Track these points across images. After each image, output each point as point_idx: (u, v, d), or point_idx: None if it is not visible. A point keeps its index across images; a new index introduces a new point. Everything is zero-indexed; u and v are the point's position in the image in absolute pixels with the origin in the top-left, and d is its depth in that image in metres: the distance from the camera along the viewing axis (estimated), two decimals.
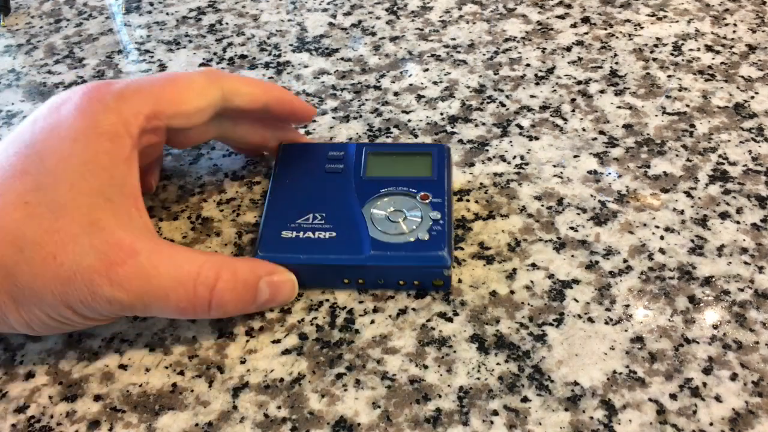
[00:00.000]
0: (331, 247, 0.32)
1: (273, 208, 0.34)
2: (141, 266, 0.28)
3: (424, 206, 0.34)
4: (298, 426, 0.29)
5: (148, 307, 0.29)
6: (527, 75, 0.47)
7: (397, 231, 0.33)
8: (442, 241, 0.32)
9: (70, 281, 0.27)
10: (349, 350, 0.32)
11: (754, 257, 0.35)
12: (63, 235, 0.27)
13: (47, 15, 0.57)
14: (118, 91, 0.30)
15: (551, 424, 0.29)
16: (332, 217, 0.34)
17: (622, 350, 0.31)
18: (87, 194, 0.28)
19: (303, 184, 0.36)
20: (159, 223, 0.38)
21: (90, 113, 0.29)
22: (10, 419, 0.29)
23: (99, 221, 0.28)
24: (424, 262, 0.32)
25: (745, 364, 0.30)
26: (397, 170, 0.36)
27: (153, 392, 0.30)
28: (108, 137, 0.29)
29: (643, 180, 0.39)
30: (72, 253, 0.27)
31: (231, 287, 0.30)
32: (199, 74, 0.33)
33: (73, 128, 0.29)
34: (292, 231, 0.33)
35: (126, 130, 0.30)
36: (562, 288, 0.34)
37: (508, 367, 0.31)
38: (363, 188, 0.35)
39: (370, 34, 0.52)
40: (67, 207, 0.28)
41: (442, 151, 0.37)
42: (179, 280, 0.28)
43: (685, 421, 0.29)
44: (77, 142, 0.29)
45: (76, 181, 0.28)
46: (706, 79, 0.47)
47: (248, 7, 0.56)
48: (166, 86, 0.32)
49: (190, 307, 0.29)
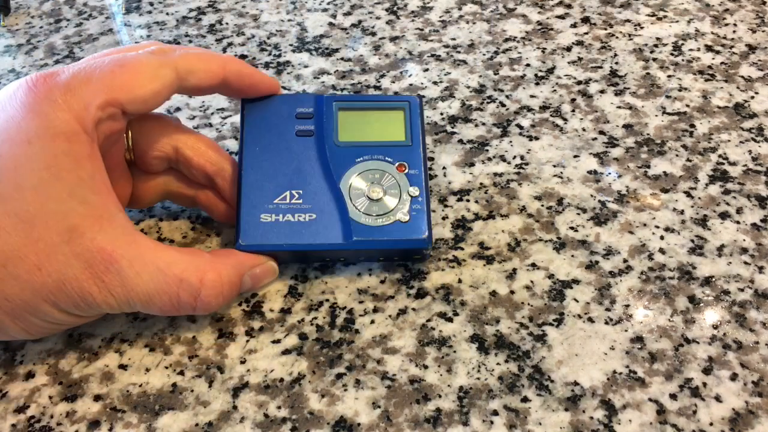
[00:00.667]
0: (312, 231, 0.32)
1: (248, 185, 0.33)
2: (123, 275, 0.28)
3: (402, 179, 0.34)
4: (298, 426, 0.29)
5: (134, 308, 0.29)
6: (527, 75, 0.47)
7: (377, 212, 0.33)
8: (423, 222, 0.33)
9: (60, 290, 0.27)
10: (349, 350, 0.32)
11: (754, 257, 0.35)
12: (42, 245, 0.26)
13: (47, 15, 0.57)
14: (65, 84, 0.28)
15: (551, 424, 0.29)
16: (310, 195, 0.33)
17: (622, 350, 0.31)
18: (56, 199, 0.27)
19: (275, 152, 0.34)
20: (159, 223, 0.38)
21: (40, 112, 0.27)
22: (10, 419, 0.29)
23: (77, 227, 0.27)
24: (406, 245, 0.33)
25: (745, 364, 0.30)
26: (370, 132, 0.35)
27: (153, 392, 0.30)
28: (64, 137, 0.27)
29: (643, 180, 0.39)
30: (57, 263, 0.27)
31: (217, 292, 0.30)
32: (149, 55, 0.31)
33: (24, 130, 0.27)
34: (270, 214, 0.33)
35: (81, 126, 0.28)
36: (562, 288, 0.34)
37: (508, 367, 0.31)
38: (337, 157, 0.34)
39: (370, 34, 0.52)
40: (39, 215, 0.26)
41: (414, 105, 0.36)
42: (162, 287, 0.29)
43: (685, 421, 0.29)
44: (32, 144, 0.27)
45: (40, 186, 0.27)
46: (706, 79, 0.47)
47: (248, 7, 0.56)
48: (116, 71, 0.29)
49: (174, 310, 0.30)
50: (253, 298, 0.34)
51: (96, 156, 0.28)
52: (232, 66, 0.33)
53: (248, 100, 0.35)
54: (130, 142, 0.33)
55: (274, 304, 0.34)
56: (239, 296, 0.34)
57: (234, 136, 0.43)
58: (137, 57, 0.30)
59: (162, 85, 0.30)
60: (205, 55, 0.33)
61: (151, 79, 0.30)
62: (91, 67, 0.29)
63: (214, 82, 0.33)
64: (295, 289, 0.34)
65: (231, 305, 0.34)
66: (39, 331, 0.29)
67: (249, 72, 0.34)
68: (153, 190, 0.35)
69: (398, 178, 0.34)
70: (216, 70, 0.32)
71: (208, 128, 0.44)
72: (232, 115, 0.45)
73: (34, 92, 0.28)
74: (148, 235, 0.37)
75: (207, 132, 0.44)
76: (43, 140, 0.27)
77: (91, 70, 0.29)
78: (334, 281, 0.35)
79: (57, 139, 0.27)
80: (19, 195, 0.26)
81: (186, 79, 0.31)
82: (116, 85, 0.29)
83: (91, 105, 0.28)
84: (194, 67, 0.32)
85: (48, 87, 0.28)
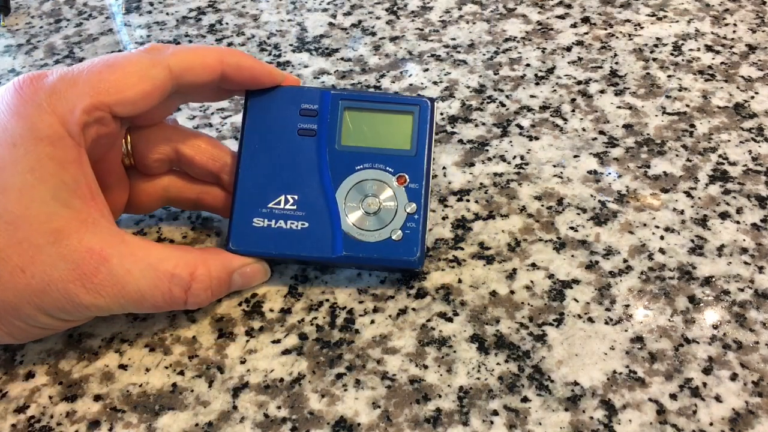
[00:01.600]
0: (302, 241, 0.32)
1: (244, 185, 0.33)
2: (114, 273, 0.27)
3: (400, 193, 0.33)
4: (298, 426, 0.29)
5: (125, 308, 0.29)
6: (527, 75, 0.47)
7: (369, 227, 0.32)
8: (415, 242, 0.32)
9: (45, 292, 0.27)
10: (349, 350, 0.32)
11: (754, 257, 0.35)
12: (26, 246, 0.26)
13: (47, 15, 0.57)
14: (51, 87, 0.28)
15: (551, 424, 0.29)
16: (304, 201, 0.33)
17: (622, 350, 0.31)
18: (40, 202, 0.27)
19: (274, 151, 0.33)
20: (159, 223, 0.38)
21: (25, 115, 0.27)
22: (10, 419, 0.29)
23: (62, 230, 0.27)
24: (395, 264, 0.32)
25: (745, 364, 0.30)
26: (374, 137, 0.34)
27: (153, 392, 0.30)
28: (48, 141, 0.27)
29: (643, 180, 0.39)
30: (41, 264, 0.26)
31: (206, 286, 0.30)
32: (140, 54, 0.30)
33: (9, 132, 0.27)
34: (263, 218, 0.32)
35: (66, 130, 0.27)
36: (562, 288, 0.34)
37: (508, 367, 0.31)
38: (337, 163, 0.33)
39: (370, 34, 0.52)
40: (23, 217, 0.26)
41: (425, 110, 0.34)
42: (154, 282, 0.28)
43: (685, 421, 0.29)
44: (17, 147, 0.27)
45: (25, 188, 0.26)
46: (706, 79, 0.47)
47: (248, 7, 0.56)
48: (103, 73, 0.28)
49: (166, 306, 0.30)
50: (253, 298, 0.34)
51: (81, 160, 0.28)
52: (230, 59, 0.31)
53: (253, 92, 0.34)
54: (129, 146, 0.33)
55: (274, 304, 0.34)
56: (239, 296, 0.34)
57: (234, 136, 0.43)
58: (127, 56, 0.29)
59: (153, 85, 0.29)
60: (200, 50, 0.31)
61: (141, 79, 0.29)
62: (80, 68, 0.29)
63: (212, 77, 0.31)
64: (295, 289, 0.34)
65: (231, 306, 0.34)
66: (23, 335, 0.29)
67: (249, 64, 0.32)
68: (154, 196, 0.35)
69: (397, 192, 0.33)
70: (213, 65, 0.31)
71: (208, 128, 0.44)
72: (232, 115, 0.45)
73: (20, 95, 0.27)
74: (148, 236, 0.37)
75: (207, 132, 0.44)
76: (28, 143, 0.27)
77: (79, 72, 0.28)
78: (334, 281, 0.35)
79: (41, 142, 0.27)
80: (3, 197, 0.26)
81: (182, 77, 0.30)
82: (103, 87, 0.28)
83: (77, 108, 0.27)
84: (189, 64, 0.30)
85: (34, 89, 0.27)
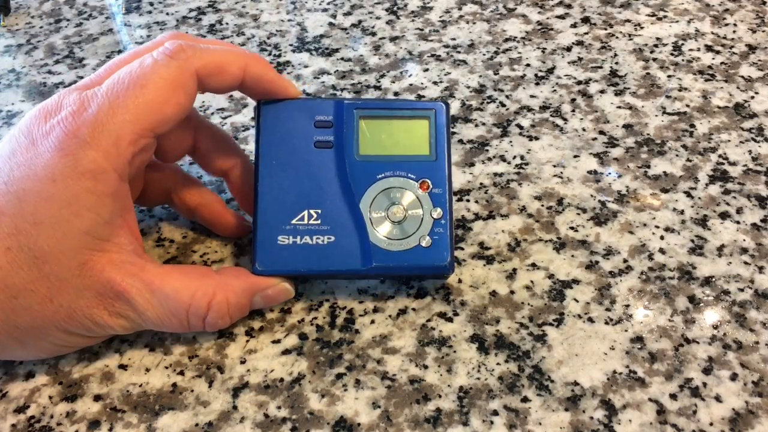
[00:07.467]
0: (331, 256, 0.31)
1: (265, 204, 0.32)
2: (134, 303, 0.29)
3: (426, 199, 0.32)
4: (298, 426, 0.29)
5: (148, 328, 0.30)
6: (527, 75, 0.47)
7: (397, 235, 0.32)
8: (445, 247, 0.32)
9: (71, 317, 0.28)
10: (349, 350, 0.32)
11: (754, 257, 0.35)
12: (54, 280, 0.27)
13: (47, 15, 0.57)
14: (93, 119, 0.27)
15: (551, 424, 0.29)
16: (328, 215, 0.32)
17: (622, 350, 0.31)
18: (72, 236, 0.27)
19: (292, 166, 0.32)
20: (159, 223, 0.38)
21: (67, 150, 0.27)
22: (10, 419, 0.29)
23: (87, 263, 0.28)
24: (427, 271, 0.32)
25: (745, 364, 0.30)
26: (392, 145, 0.33)
27: (153, 392, 0.30)
28: (90, 175, 0.27)
29: (643, 180, 0.39)
30: (67, 294, 0.27)
31: (222, 314, 0.31)
32: (167, 62, 0.29)
33: (50, 167, 0.27)
34: (288, 236, 0.32)
35: (110, 164, 0.27)
36: (562, 288, 0.34)
37: (508, 367, 0.31)
38: (357, 173, 0.32)
39: (370, 34, 0.52)
40: (52, 252, 0.27)
41: (440, 113, 0.33)
42: (172, 312, 0.29)
43: (685, 421, 0.29)
44: (56, 182, 0.27)
45: (58, 224, 0.27)
46: (706, 79, 0.47)
47: (248, 7, 0.56)
48: (140, 97, 0.28)
49: (184, 330, 0.31)
50: None
51: (120, 193, 0.28)
52: (254, 69, 0.31)
53: (265, 102, 0.33)
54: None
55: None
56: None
57: (234, 136, 0.43)
58: (154, 68, 0.29)
59: (186, 94, 0.29)
60: (226, 55, 0.30)
61: (174, 92, 0.29)
62: (114, 93, 0.28)
63: (232, 85, 0.31)
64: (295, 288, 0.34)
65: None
66: (50, 353, 0.31)
67: (270, 78, 0.32)
68: (158, 192, 0.35)
69: (421, 199, 0.32)
70: (236, 73, 0.30)
71: None
72: (232, 115, 0.45)
73: (63, 130, 0.27)
74: (148, 236, 0.37)
75: None
76: (68, 180, 0.27)
77: (115, 98, 0.28)
78: (334, 281, 0.34)
79: (83, 177, 0.27)
80: (35, 231, 0.27)
81: (204, 83, 0.30)
82: (142, 111, 0.28)
83: (122, 140, 0.28)
84: (214, 70, 0.30)
85: (77, 125, 0.27)
